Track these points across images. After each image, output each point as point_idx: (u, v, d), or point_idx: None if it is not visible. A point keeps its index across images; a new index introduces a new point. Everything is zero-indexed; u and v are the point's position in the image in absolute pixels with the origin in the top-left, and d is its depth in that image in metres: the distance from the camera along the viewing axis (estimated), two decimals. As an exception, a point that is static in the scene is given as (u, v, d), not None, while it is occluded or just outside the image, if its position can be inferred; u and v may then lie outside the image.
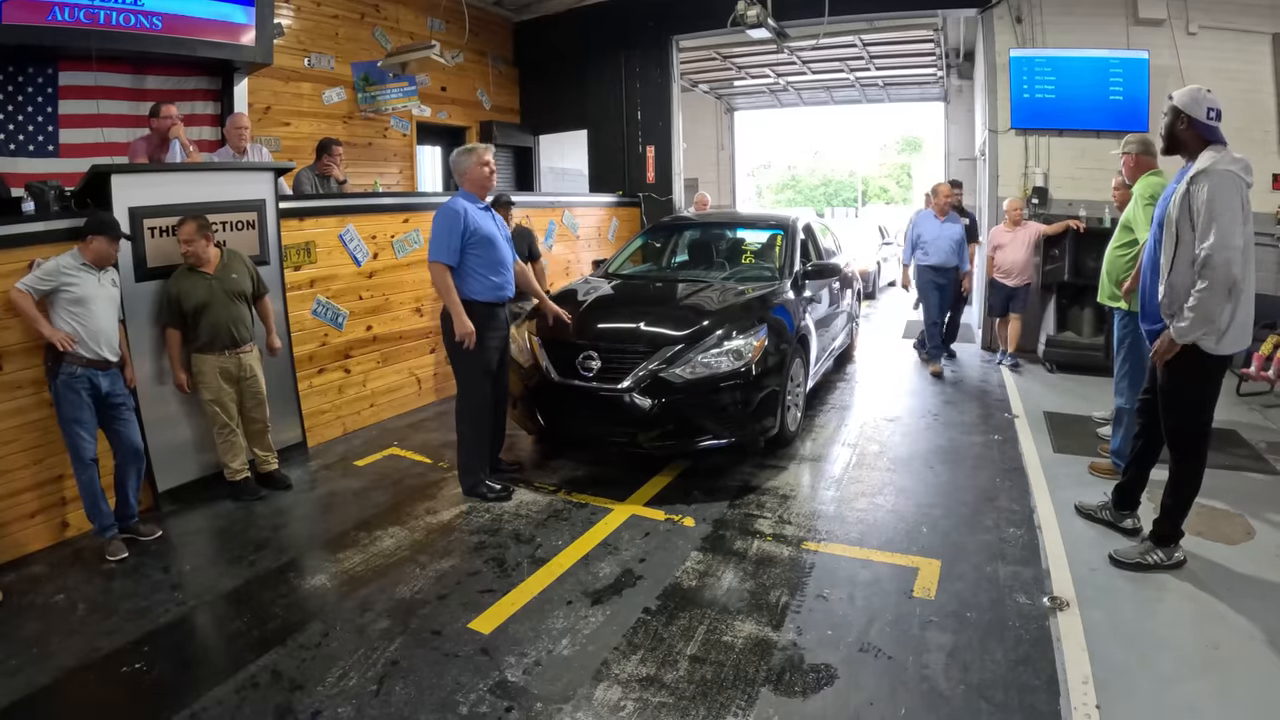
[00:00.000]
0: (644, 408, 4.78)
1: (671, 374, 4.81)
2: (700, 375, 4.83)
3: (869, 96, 17.74)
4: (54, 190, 4.45)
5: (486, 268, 4.67)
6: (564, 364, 5.06)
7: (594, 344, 5.04)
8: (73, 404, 4.03)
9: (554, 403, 5.14)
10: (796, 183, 47.13)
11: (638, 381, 4.81)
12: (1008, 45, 8.51)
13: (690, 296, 5.72)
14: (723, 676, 3.02)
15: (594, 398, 4.93)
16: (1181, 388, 3.59)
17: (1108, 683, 2.90)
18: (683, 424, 4.86)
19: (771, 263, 6.67)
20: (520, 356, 5.26)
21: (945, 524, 4.36)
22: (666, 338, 5.00)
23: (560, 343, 5.15)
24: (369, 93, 8.82)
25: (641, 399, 4.79)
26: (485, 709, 2.86)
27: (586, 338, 5.13)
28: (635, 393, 4.80)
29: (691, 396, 4.81)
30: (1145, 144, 4.80)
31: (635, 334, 5.12)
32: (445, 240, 4.54)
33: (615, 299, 5.94)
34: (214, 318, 4.62)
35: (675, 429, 4.87)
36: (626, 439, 4.92)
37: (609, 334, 5.17)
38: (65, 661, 3.23)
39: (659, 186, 10.54)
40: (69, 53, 6.01)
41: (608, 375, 4.91)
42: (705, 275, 6.52)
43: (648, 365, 4.85)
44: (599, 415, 4.98)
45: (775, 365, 5.13)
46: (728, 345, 4.95)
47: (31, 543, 4.25)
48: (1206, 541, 3.99)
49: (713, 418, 4.88)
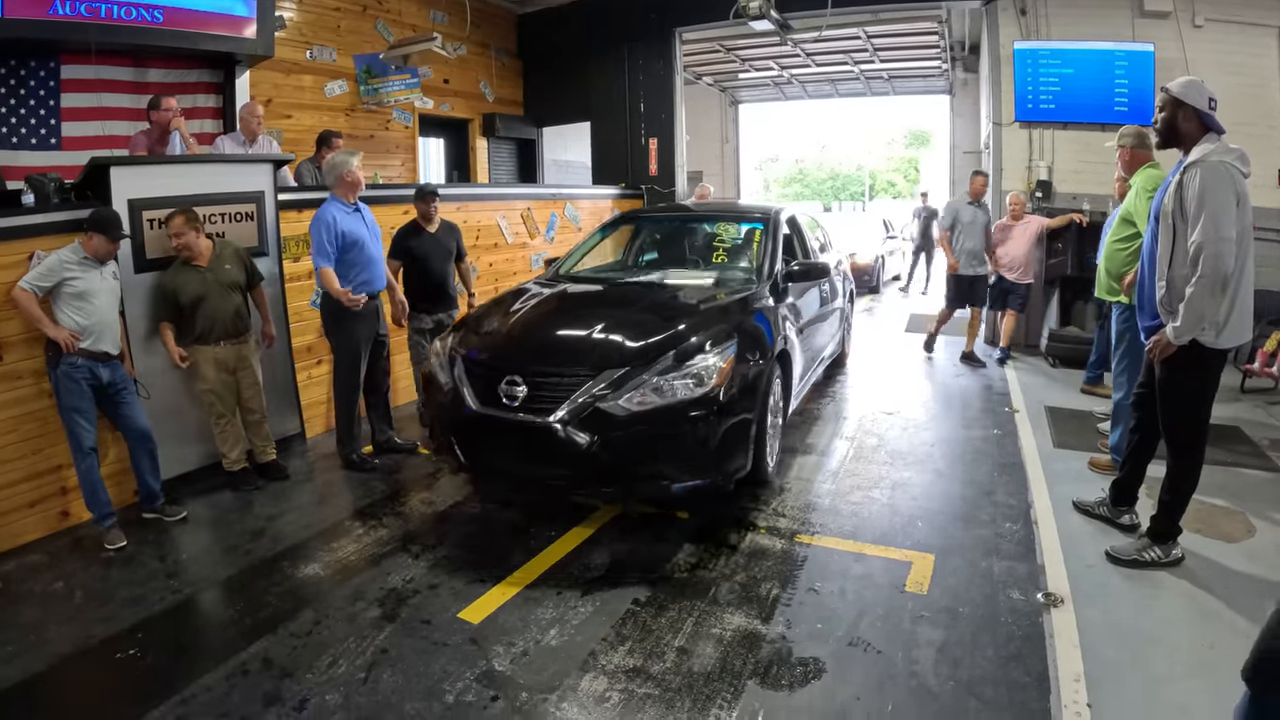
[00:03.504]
0: (580, 445, 3.89)
1: (613, 405, 3.94)
2: (650, 406, 3.96)
3: (874, 89, 17.66)
4: (53, 183, 4.48)
5: (353, 266, 5.13)
6: (486, 388, 4.22)
7: (519, 366, 4.19)
8: (73, 393, 4.06)
9: (473, 434, 4.29)
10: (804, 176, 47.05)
11: (573, 412, 3.95)
12: (1012, 37, 8.45)
13: (646, 305, 4.85)
14: (710, 669, 3.02)
15: (519, 431, 4.07)
16: (1180, 382, 3.56)
17: (1100, 681, 2.88)
18: (628, 466, 4.00)
19: (748, 262, 5.80)
20: (440, 374, 4.53)
21: (941, 518, 4.35)
22: (609, 358, 4.13)
23: (481, 363, 4.35)
24: (371, 85, 8.82)
25: (578, 434, 3.91)
26: (471, 698, 2.87)
27: (510, 358, 4.32)
28: (570, 426, 3.93)
29: (638, 433, 3.93)
30: (1140, 137, 4.76)
31: (570, 354, 4.29)
32: (316, 246, 5.00)
33: (552, 308, 5.03)
34: (209, 309, 4.64)
35: (619, 472, 4.00)
36: (560, 482, 4.16)
37: (537, 354, 4.34)
38: (61, 648, 3.27)
39: (662, 179, 10.51)
40: (71, 46, 6.05)
41: (536, 404, 4.04)
42: (671, 278, 5.65)
43: (584, 393, 3.98)
44: (526, 452, 4.12)
45: (748, 388, 4.26)
46: (686, 367, 4.08)
47: (31, 532, 4.28)
48: (1205, 539, 3.96)
49: (666, 459, 4.03)
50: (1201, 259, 3.26)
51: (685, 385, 4.03)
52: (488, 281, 7.63)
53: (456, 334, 4.76)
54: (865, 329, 10.33)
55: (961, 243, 7.87)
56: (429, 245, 5.86)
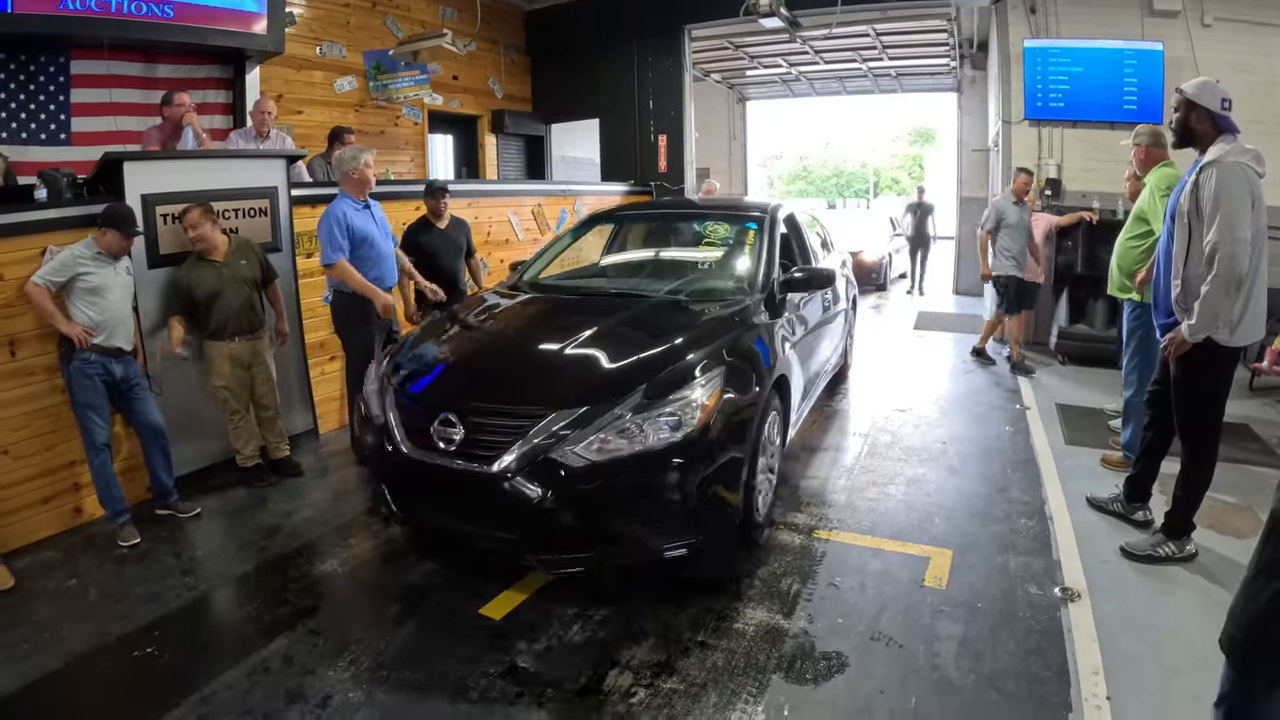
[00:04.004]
0: (529, 501, 3.19)
1: (568, 453, 3.21)
2: (614, 455, 3.22)
3: (882, 87, 17.65)
4: (66, 178, 4.46)
5: (364, 262, 5.06)
6: (419, 427, 3.50)
7: (455, 402, 3.48)
8: (86, 389, 4.05)
9: (405, 482, 3.60)
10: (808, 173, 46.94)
11: (520, 461, 3.23)
12: (1021, 36, 8.46)
13: (615, 324, 4.03)
14: (734, 664, 3.02)
15: (456, 482, 3.36)
16: (1195, 379, 3.58)
17: (1118, 673, 2.90)
18: (587, 529, 3.30)
19: (740, 269, 4.97)
20: (373, 404, 3.84)
21: (957, 514, 4.35)
22: (564, 394, 3.40)
23: (413, 396, 3.66)
24: (381, 81, 8.82)
25: (527, 487, 3.20)
26: (495, 694, 2.87)
27: (444, 392, 3.65)
28: (518, 477, 3.22)
29: (600, 488, 3.22)
30: (1156, 135, 4.77)
31: (517, 387, 3.55)
32: (329, 241, 4.91)
33: (501, 329, 4.29)
34: (225, 305, 4.63)
35: (577, 536, 3.30)
36: (506, 547, 3.40)
37: (476, 387, 3.62)
38: (76, 646, 3.26)
39: (671, 176, 10.51)
40: (81, 41, 6.05)
41: (476, 449, 3.33)
42: (648, 288, 4.81)
43: (533, 437, 3.25)
44: (465, 508, 3.42)
45: (738, 426, 3.54)
46: (661, 405, 3.34)
47: (44, 528, 4.28)
48: (1217, 535, 3.97)
49: (634, 518, 3.33)
50: (1217, 259, 3.28)
51: (659, 428, 3.29)
52: (500, 277, 7.61)
53: (390, 357, 4.09)
54: (874, 327, 10.35)
55: (1006, 244, 7.49)
56: (439, 241, 5.88)
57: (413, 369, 3.85)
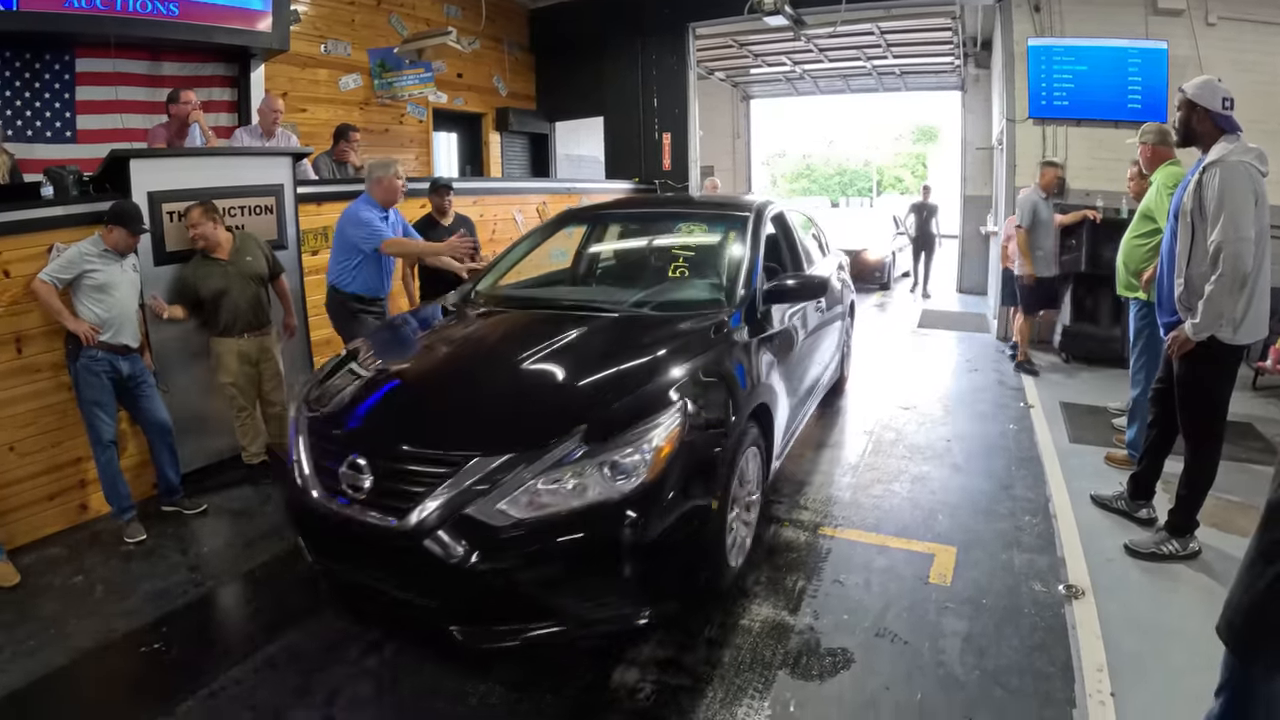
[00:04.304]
0: (451, 563, 2.64)
1: (492, 510, 2.65)
2: (546, 512, 2.66)
3: (886, 85, 17.60)
4: (73, 175, 4.47)
5: (373, 265, 5.14)
6: (328, 469, 2.99)
7: (364, 442, 2.97)
8: (92, 386, 4.06)
9: (317, 528, 3.06)
10: (811, 171, 46.86)
11: (439, 516, 2.67)
12: (1026, 34, 8.43)
13: (563, 347, 3.45)
14: (740, 660, 3.03)
15: (366, 536, 2.82)
16: (1198, 377, 3.59)
17: (1121, 670, 2.91)
18: (518, 600, 2.74)
19: (718, 276, 4.32)
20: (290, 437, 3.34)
21: (961, 512, 4.36)
22: (490, 436, 2.85)
23: (322, 433, 3.15)
24: (385, 79, 8.82)
25: (449, 547, 2.65)
26: (498, 695, 2.87)
27: (353, 429, 3.07)
28: (437, 535, 2.66)
29: (531, 553, 2.66)
30: (1163, 134, 4.77)
31: (433, 428, 3.00)
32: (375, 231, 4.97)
33: (431, 352, 3.71)
34: (231, 302, 4.65)
35: (507, 607, 2.76)
36: (426, 615, 2.96)
37: (387, 426, 3.06)
38: (83, 642, 3.27)
39: (675, 174, 10.51)
40: (86, 39, 6.04)
41: (388, 500, 2.79)
42: (610, 300, 4.20)
43: (452, 490, 2.69)
44: (379, 566, 2.89)
45: (704, 470, 2.98)
46: (605, 451, 2.75)
47: (50, 525, 4.29)
48: (1220, 533, 3.97)
49: (573, 588, 2.77)
50: (1221, 258, 3.29)
51: (600, 479, 2.71)
52: (505, 275, 7.64)
53: (312, 382, 3.59)
54: (878, 325, 10.37)
55: (1041, 243, 7.31)
56: (443, 238, 5.88)
57: (329, 395, 3.33)
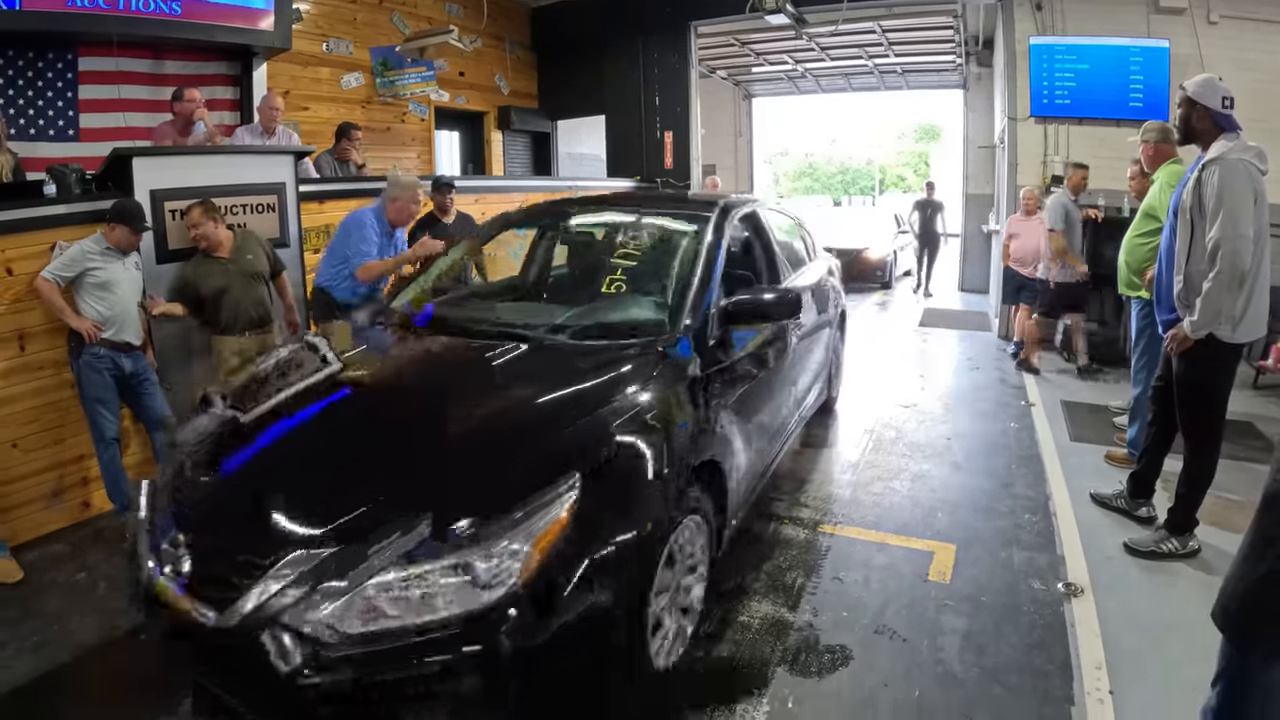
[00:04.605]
0: (278, 672, 2.03)
1: (315, 621, 2.04)
2: (383, 627, 2.04)
3: (887, 84, 17.59)
4: (75, 173, 4.48)
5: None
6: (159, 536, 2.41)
7: (186, 510, 2.45)
8: (95, 384, 4.07)
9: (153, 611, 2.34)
10: (814, 170, 46.82)
11: (260, 616, 2.07)
12: (1027, 33, 8.43)
13: (439, 391, 2.90)
14: (739, 656, 3.04)
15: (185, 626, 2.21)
16: (1197, 375, 3.60)
17: (1120, 668, 2.92)
18: None
19: (663, 294, 3.50)
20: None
21: (961, 509, 4.37)
22: (315, 523, 2.22)
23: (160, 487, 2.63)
24: (387, 77, 8.83)
25: (277, 650, 2.04)
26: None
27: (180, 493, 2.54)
28: (266, 634, 2.06)
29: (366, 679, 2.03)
30: (1165, 132, 4.76)
31: (251, 505, 2.33)
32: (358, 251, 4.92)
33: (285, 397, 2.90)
34: (233, 301, 4.63)
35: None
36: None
37: (208, 496, 2.51)
38: (86, 638, 3.28)
39: (677, 172, 10.50)
40: (88, 38, 6.05)
41: (210, 585, 2.19)
42: (531, 321, 3.45)
43: (269, 589, 2.08)
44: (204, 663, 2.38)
45: (610, 560, 2.28)
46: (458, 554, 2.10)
47: (53, 522, 4.30)
48: (1220, 531, 3.96)
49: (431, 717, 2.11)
50: (1219, 256, 3.29)
51: (455, 586, 2.07)
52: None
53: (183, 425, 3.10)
54: (879, 324, 10.38)
55: (1070, 245, 7.10)
56: (445, 236, 5.89)
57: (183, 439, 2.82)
